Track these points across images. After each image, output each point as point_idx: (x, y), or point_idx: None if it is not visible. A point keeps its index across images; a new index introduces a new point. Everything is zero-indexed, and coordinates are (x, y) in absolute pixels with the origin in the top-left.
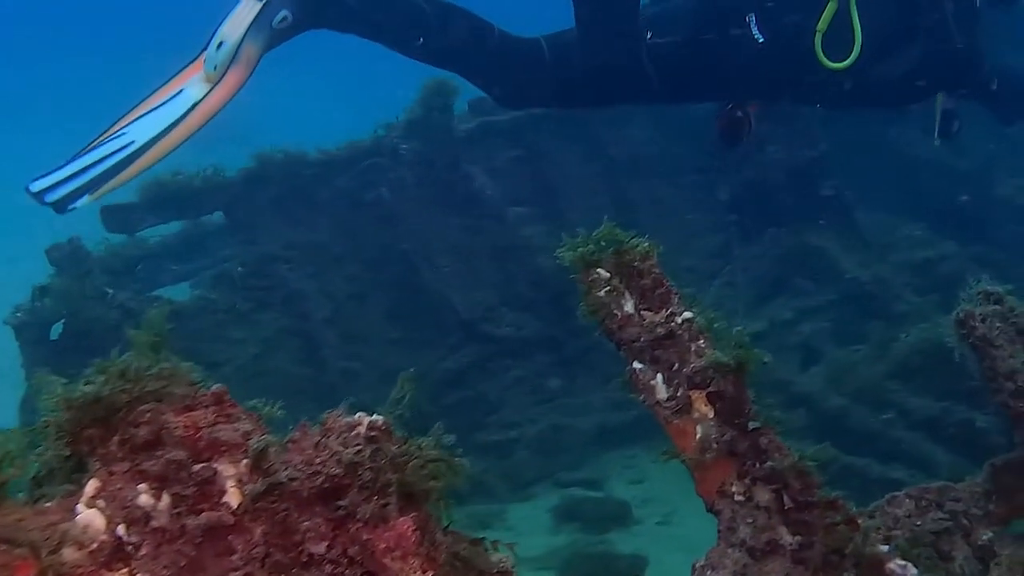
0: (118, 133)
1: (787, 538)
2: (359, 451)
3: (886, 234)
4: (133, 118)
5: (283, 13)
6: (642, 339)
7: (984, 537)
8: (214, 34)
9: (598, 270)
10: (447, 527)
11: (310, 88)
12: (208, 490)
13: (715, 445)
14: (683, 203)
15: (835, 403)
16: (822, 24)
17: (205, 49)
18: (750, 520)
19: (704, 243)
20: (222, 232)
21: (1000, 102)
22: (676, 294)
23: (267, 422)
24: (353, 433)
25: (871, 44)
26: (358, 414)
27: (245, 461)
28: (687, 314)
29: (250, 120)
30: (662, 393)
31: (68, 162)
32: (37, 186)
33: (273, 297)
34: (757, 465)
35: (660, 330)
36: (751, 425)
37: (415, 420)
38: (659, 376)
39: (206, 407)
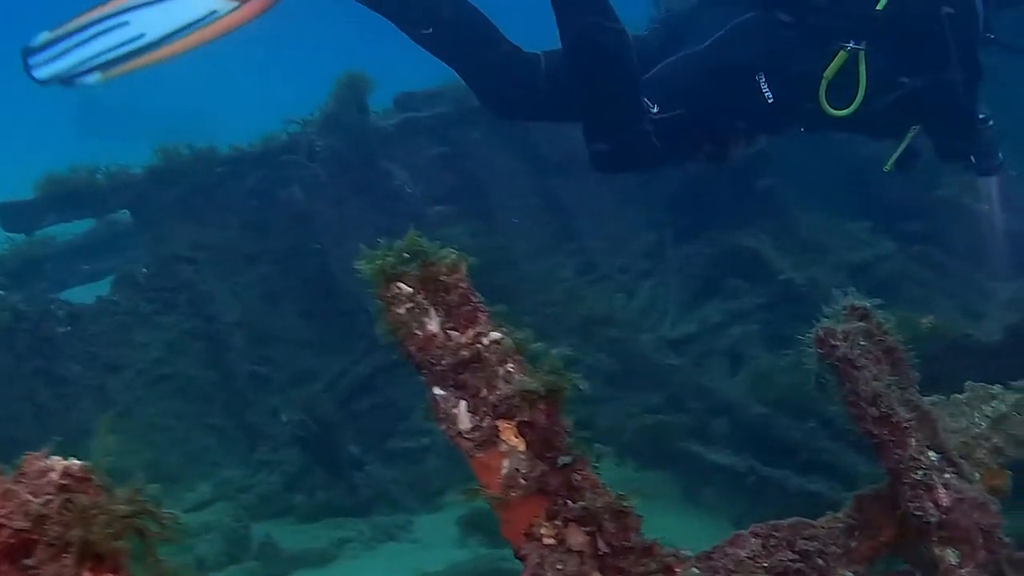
0: (117, 19)
1: None
2: (48, 502)
3: (827, 234)
4: (129, 3)
5: None
6: (444, 362)
7: None
8: None
9: (399, 284)
10: None
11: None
12: None
13: (523, 482)
14: (617, 202)
15: (756, 412)
16: (829, 72)
17: None
18: (559, 566)
19: (638, 242)
20: (133, 231)
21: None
22: (484, 312)
23: None
24: (45, 480)
25: (873, 91)
26: (54, 458)
27: None
28: (495, 334)
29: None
30: (465, 423)
31: (65, 37)
32: (42, 73)
33: (178, 299)
34: (569, 504)
35: (465, 352)
36: (561, 460)
37: (319, 430)
38: (462, 404)
39: None
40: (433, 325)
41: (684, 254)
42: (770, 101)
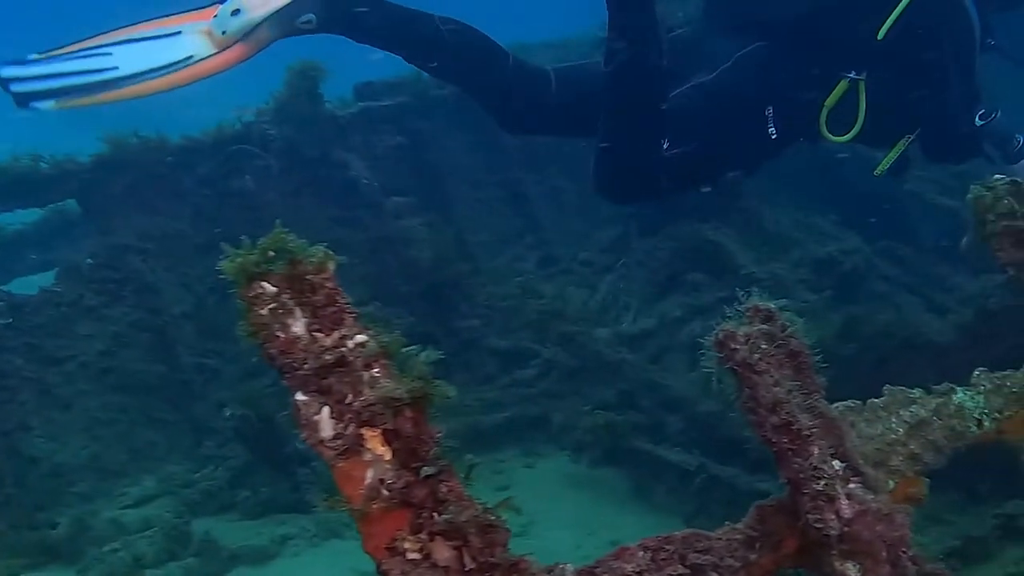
0: (103, 49)
1: None
2: None
3: (793, 227)
4: (122, 38)
5: (309, 16)
6: (307, 366)
7: None
8: None
9: (262, 284)
10: None
11: None
12: None
13: (386, 493)
14: (582, 194)
15: (707, 408)
16: (830, 101)
17: (221, 2)
18: None
19: (603, 235)
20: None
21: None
22: (351, 313)
23: None
24: None
25: (871, 116)
26: None
27: None
28: (360, 337)
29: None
30: (327, 430)
31: (46, 59)
32: (7, 72)
33: (125, 290)
34: (435, 517)
35: (328, 356)
36: (425, 471)
37: (261, 425)
38: (325, 410)
39: None
40: (298, 327)
41: (647, 247)
42: (773, 137)
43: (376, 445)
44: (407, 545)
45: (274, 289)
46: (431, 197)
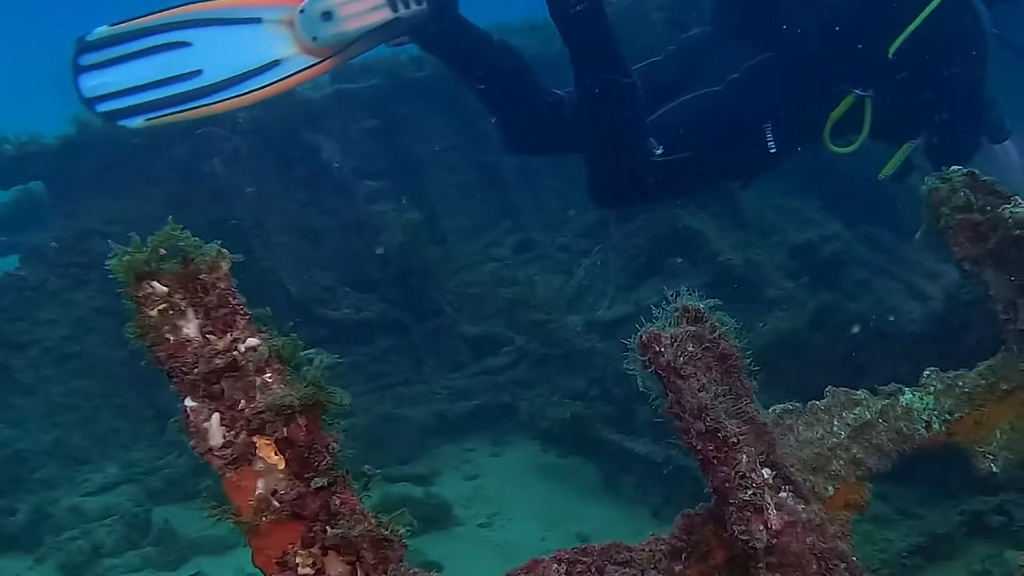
0: (179, 34)
1: None
2: None
3: (775, 213)
4: (197, 14)
5: (404, 38)
6: (197, 370)
7: None
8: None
9: (153, 283)
10: None
11: None
12: None
13: (276, 504)
14: (560, 179)
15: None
16: (835, 115)
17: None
18: None
19: (580, 220)
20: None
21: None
22: (245, 315)
23: None
24: None
25: (876, 128)
26: None
27: None
28: (252, 340)
29: None
30: (216, 438)
31: (123, 59)
32: (89, 90)
33: (90, 274)
34: (328, 531)
35: (219, 360)
36: (317, 482)
37: None
38: (215, 417)
39: None
40: (190, 329)
41: (624, 233)
42: (772, 151)
43: (269, 454)
44: (299, 560)
45: (164, 289)
46: (405, 181)
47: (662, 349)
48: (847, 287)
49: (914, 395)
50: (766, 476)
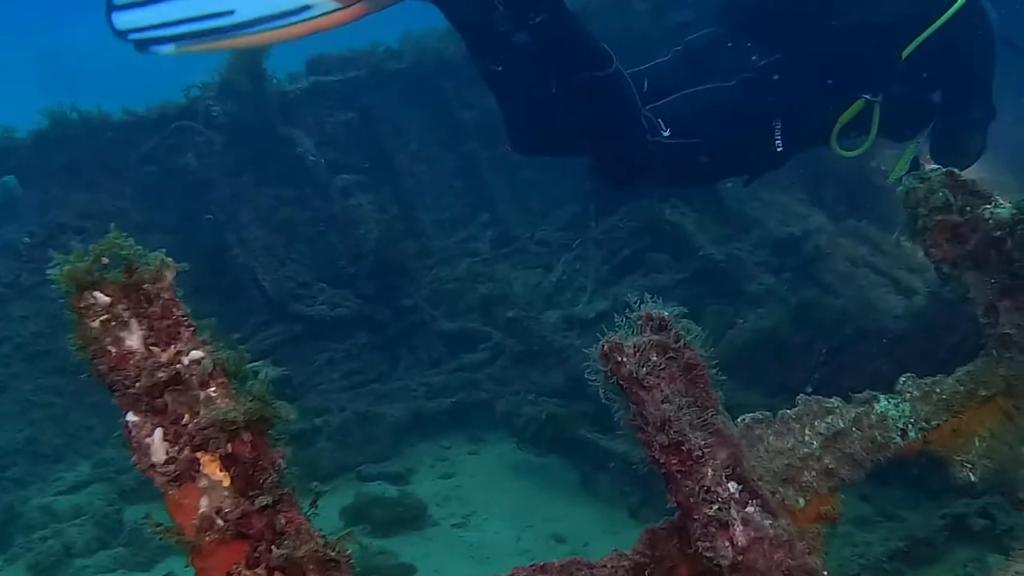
0: None
1: None
2: None
3: (759, 206)
4: None
5: None
6: (140, 384)
7: None
8: None
9: (95, 294)
10: None
11: None
12: None
13: (220, 523)
14: (540, 171)
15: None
16: (844, 118)
17: None
18: None
19: (560, 214)
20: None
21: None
22: (189, 326)
23: None
24: None
25: (884, 129)
26: None
27: None
28: (196, 353)
29: None
30: (159, 454)
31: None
32: (122, 23)
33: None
34: (273, 551)
35: (162, 373)
36: (261, 501)
37: None
38: (158, 432)
39: None
40: (133, 340)
41: (605, 227)
42: (779, 150)
43: (214, 471)
44: None
45: (107, 299)
46: (383, 175)
47: (624, 359)
48: (830, 282)
49: (889, 402)
50: (732, 490)
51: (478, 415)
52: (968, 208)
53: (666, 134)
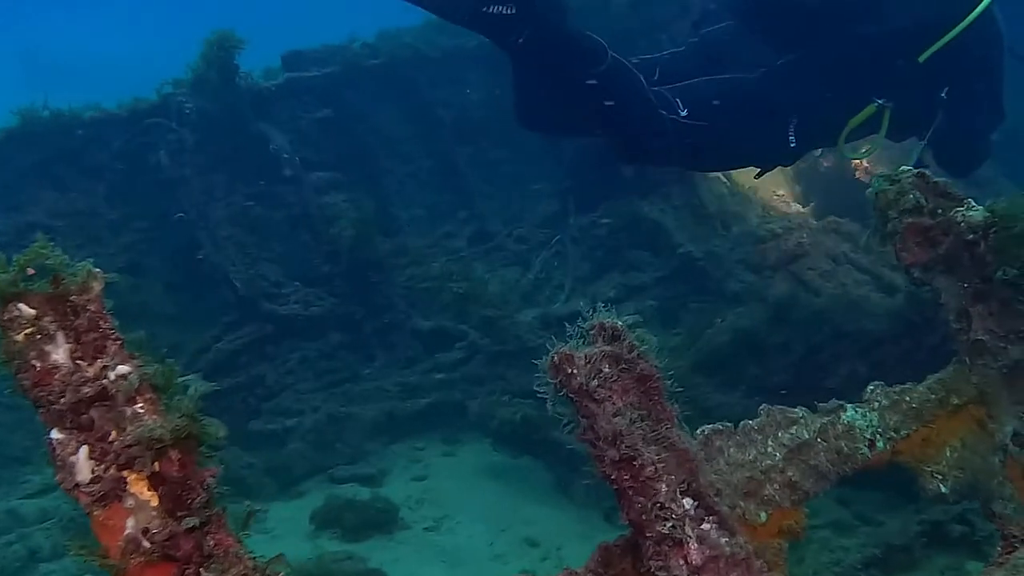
0: None
1: None
2: None
3: (739, 202)
4: None
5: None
6: (64, 400)
7: None
8: None
9: (19, 306)
10: None
11: None
12: None
13: (147, 545)
14: (519, 168)
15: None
16: (855, 121)
17: None
18: None
19: (539, 210)
20: None
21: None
22: (116, 340)
23: None
24: None
25: (890, 128)
26: None
27: None
28: (123, 368)
29: None
30: (84, 473)
31: None
32: None
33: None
34: (201, 574)
35: (87, 389)
36: (188, 522)
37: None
38: (83, 450)
39: None
40: (59, 354)
41: (583, 224)
42: (792, 146)
43: (141, 490)
44: None
45: (32, 312)
46: (359, 172)
47: (574, 371)
48: (812, 280)
49: (857, 412)
50: (687, 506)
51: (453, 416)
52: (940, 210)
53: (683, 113)
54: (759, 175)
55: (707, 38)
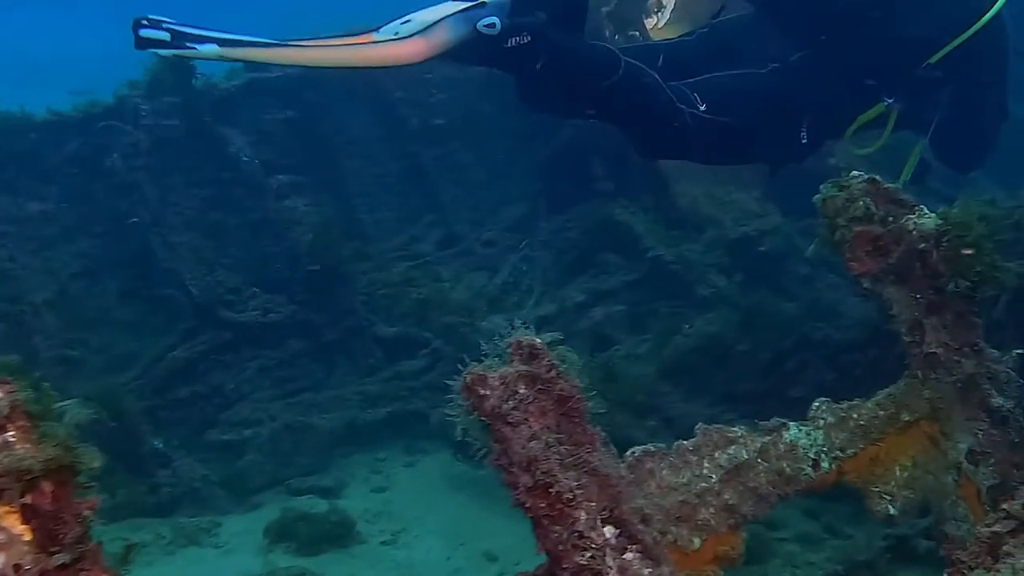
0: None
1: None
2: None
3: (712, 205)
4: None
5: (492, 19)
6: None
7: None
8: (399, 17)
9: None
10: None
11: None
12: None
13: None
14: (488, 171)
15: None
16: (863, 119)
17: (382, 25)
18: None
19: (507, 213)
20: None
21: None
22: None
23: None
24: None
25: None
26: None
27: None
28: None
29: None
30: None
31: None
32: (150, 35)
33: None
34: None
35: None
36: (58, 559)
37: (114, 424)
38: None
39: None
40: None
41: (553, 227)
42: (804, 142)
43: (13, 523)
44: None
45: None
46: (322, 174)
47: (487, 392)
48: (786, 284)
49: (800, 430)
50: (608, 535)
51: (415, 425)
52: (891, 218)
53: (702, 108)
54: (772, 173)
55: (717, 28)
